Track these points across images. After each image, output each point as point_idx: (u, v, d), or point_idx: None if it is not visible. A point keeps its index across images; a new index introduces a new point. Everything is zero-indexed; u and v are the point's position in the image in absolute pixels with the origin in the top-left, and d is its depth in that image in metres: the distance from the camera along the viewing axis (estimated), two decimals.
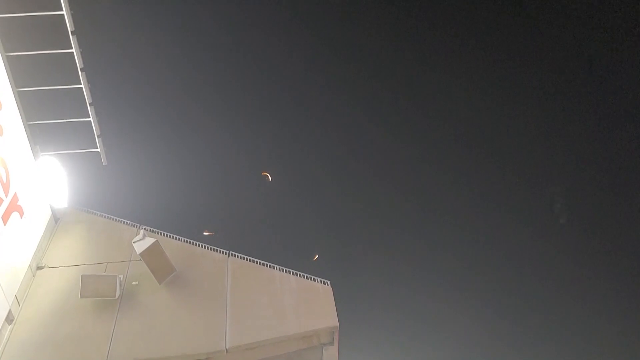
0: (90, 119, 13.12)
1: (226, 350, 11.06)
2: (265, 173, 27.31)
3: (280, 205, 29.06)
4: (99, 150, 13.60)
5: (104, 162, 13.92)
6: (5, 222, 11.55)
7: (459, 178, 29.84)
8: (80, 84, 12.61)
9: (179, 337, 11.26)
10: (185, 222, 23.48)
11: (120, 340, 11.12)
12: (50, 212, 13.81)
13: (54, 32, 11.94)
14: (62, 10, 11.69)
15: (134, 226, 13.65)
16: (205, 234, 23.70)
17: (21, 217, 12.26)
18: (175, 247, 12.93)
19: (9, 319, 11.51)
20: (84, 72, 12.51)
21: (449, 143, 29.93)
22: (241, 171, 28.79)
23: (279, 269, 12.48)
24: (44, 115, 13.01)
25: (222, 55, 28.76)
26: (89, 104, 12.92)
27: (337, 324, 11.50)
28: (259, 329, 11.36)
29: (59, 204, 13.99)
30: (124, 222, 13.93)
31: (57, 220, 14.06)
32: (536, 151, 29.79)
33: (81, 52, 12.32)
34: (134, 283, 12.18)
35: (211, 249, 13.09)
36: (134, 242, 12.11)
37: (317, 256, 26.82)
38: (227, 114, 28.73)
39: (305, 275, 12.31)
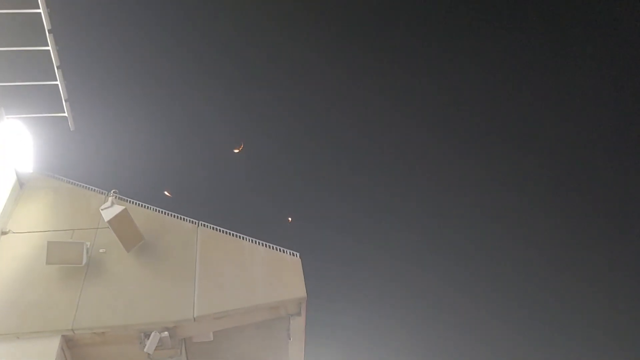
0: (58, 82, 12.79)
1: (194, 319, 11.10)
2: (238, 149, 27.03)
3: (253, 175, 28.94)
4: (66, 115, 13.29)
5: (72, 128, 13.62)
6: None
7: (433, 155, 30.01)
8: (48, 46, 12.26)
9: (147, 305, 11.23)
10: (155, 190, 23.23)
11: (87, 308, 11.05)
12: (15, 177, 13.49)
13: None
14: None
15: (101, 193, 13.44)
16: (165, 193, 23.37)
17: None
18: (144, 216, 12.80)
19: None
20: (52, 34, 12.14)
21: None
22: (215, 138, 28.47)
23: (249, 239, 12.49)
24: (10, 77, 12.63)
25: (200, 19, 28.05)
26: (57, 67, 12.57)
27: (305, 295, 11.60)
28: (227, 299, 11.40)
29: (24, 169, 13.69)
30: (91, 189, 13.70)
31: (22, 186, 13.76)
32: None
33: (49, 13, 11.94)
34: (101, 251, 12.06)
35: (181, 218, 13.00)
36: (101, 210, 11.94)
37: (290, 219, 26.81)
38: (202, 79, 28.28)
39: (274, 246, 12.36)
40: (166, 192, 23.16)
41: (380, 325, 29.36)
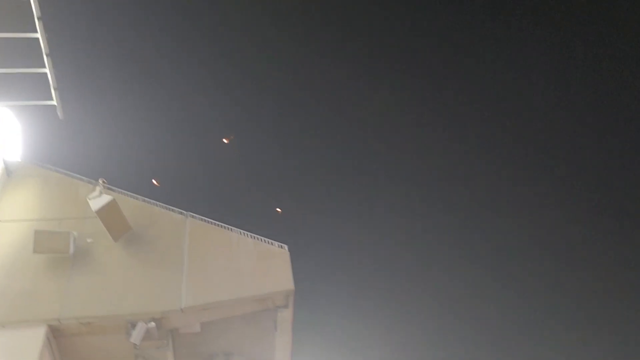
0: (47, 70, 12.67)
1: (181, 309, 11.09)
2: (228, 139, 26.91)
3: (243, 165, 28.84)
4: (55, 103, 13.18)
5: (61, 116, 13.52)
6: None
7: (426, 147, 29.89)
8: (38, 33, 12.13)
9: (134, 295, 11.21)
10: (144, 180, 23.12)
11: (73, 297, 11.01)
12: (2, 165, 13.39)
13: None
14: None
15: (90, 182, 13.35)
16: (153, 182, 23.24)
17: None
18: (132, 206, 12.73)
19: None
20: (41, 21, 12.02)
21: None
22: (206, 129, 28.33)
23: (237, 231, 12.48)
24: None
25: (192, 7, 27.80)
26: (46, 54, 12.45)
27: (293, 287, 11.62)
28: (214, 290, 11.41)
29: (12, 157, 13.57)
30: (80, 178, 13.60)
31: (9, 174, 13.64)
32: None
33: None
34: (88, 240, 11.99)
35: (170, 209, 12.95)
36: (89, 199, 11.88)
37: (279, 210, 26.77)
38: (194, 69, 28.11)
39: (262, 238, 12.36)
40: (154, 181, 23.02)
41: (370, 319, 29.46)
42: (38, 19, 11.94)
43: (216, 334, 12.65)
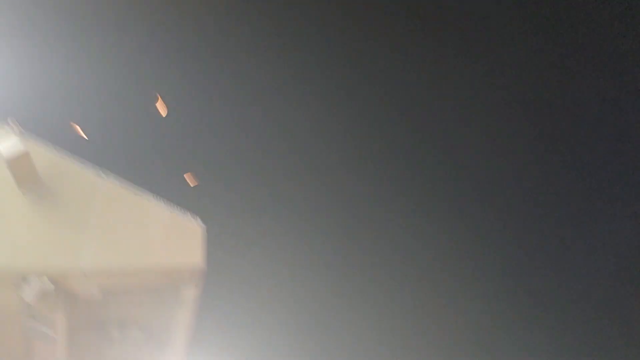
0: None
1: (82, 271, 10.53)
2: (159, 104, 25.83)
3: (175, 130, 27.84)
4: None
5: None
6: None
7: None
8: None
9: (31, 250, 10.57)
10: (61, 125, 21.70)
11: None
12: None
13: None
14: None
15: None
16: (76, 128, 21.98)
17: None
18: (45, 156, 11.97)
19: None
20: None
21: None
22: (137, 87, 27.16)
23: (155, 197, 11.99)
24: None
25: None
26: None
27: (202, 265, 11.28)
28: (119, 256, 10.92)
29: None
30: None
31: None
32: None
33: None
34: None
35: (88, 166, 12.26)
36: None
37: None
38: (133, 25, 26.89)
39: (179, 208, 11.93)
40: (77, 128, 21.80)
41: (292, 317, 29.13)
42: None
43: (115, 304, 12.11)
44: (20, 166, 11.12)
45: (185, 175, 23.67)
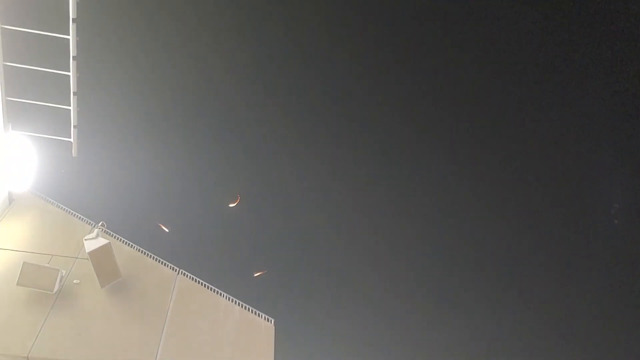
0: (71, 108, 12.94)
1: None
2: (234, 203, 26.81)
3: (245, 230, 28.46)
4: (72, 140, 13.36)
5: (74, 154, 13.65)
6: None
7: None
8: (69, 72, 12.48)
9: (107, 345, 10.85)
10: (145, 230, 22.91)
11: (47, 337, 10.67)
12: (7, 191, 13.41)
13: (54, 14, 11.88)
14: None
15: (89, 224, 13.31)
16: (161, 227, 22.96)
17: None
18: (126, 253, 12.63)
19: None
20: (75, 61, 12.40)
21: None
22: (218, 184, 28.16)
23: (226, 296, 12.26)
24: (25, 94, 12.80)
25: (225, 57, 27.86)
26: (73, 92, 12.76)
27: None
28: (193, 353, 11.06)
29: (21, 186, 13.58)
30: (80, 217, 13.59)
31: (11, 201, 13.65)
32: None
33: (77, 41, 12.24)
34: (75, 281, 11.80)
35: (162, 262, 12.81)
36: (85, 239, 11.79)
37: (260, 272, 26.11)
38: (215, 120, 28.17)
39: (250, 308, 12.11)
40: (162, 226, 22.78)
41: None
42: (73, 58, 12.31)
43: None
44: (101, 258, 11.71)
45: (255, 275, 24.15)
